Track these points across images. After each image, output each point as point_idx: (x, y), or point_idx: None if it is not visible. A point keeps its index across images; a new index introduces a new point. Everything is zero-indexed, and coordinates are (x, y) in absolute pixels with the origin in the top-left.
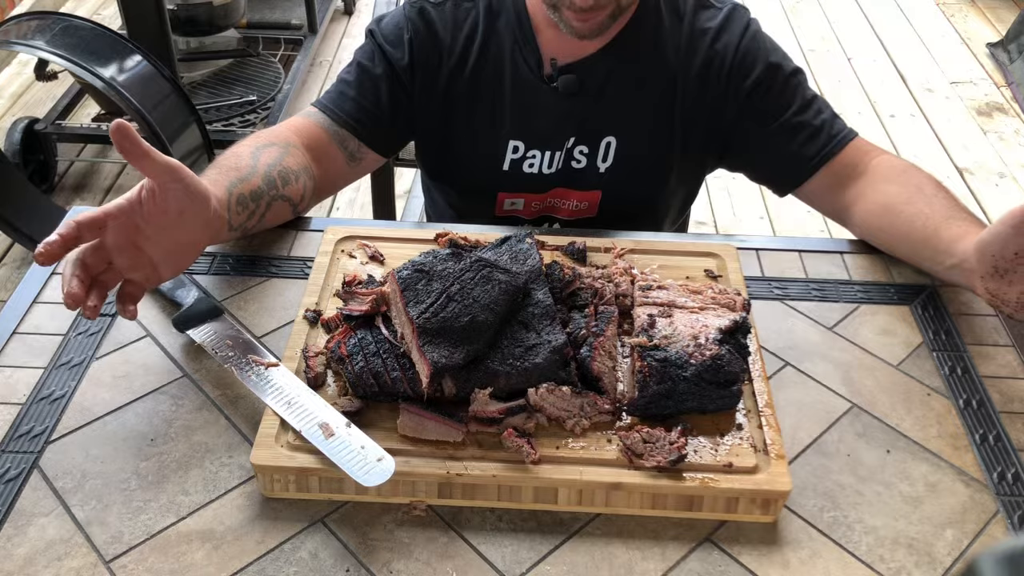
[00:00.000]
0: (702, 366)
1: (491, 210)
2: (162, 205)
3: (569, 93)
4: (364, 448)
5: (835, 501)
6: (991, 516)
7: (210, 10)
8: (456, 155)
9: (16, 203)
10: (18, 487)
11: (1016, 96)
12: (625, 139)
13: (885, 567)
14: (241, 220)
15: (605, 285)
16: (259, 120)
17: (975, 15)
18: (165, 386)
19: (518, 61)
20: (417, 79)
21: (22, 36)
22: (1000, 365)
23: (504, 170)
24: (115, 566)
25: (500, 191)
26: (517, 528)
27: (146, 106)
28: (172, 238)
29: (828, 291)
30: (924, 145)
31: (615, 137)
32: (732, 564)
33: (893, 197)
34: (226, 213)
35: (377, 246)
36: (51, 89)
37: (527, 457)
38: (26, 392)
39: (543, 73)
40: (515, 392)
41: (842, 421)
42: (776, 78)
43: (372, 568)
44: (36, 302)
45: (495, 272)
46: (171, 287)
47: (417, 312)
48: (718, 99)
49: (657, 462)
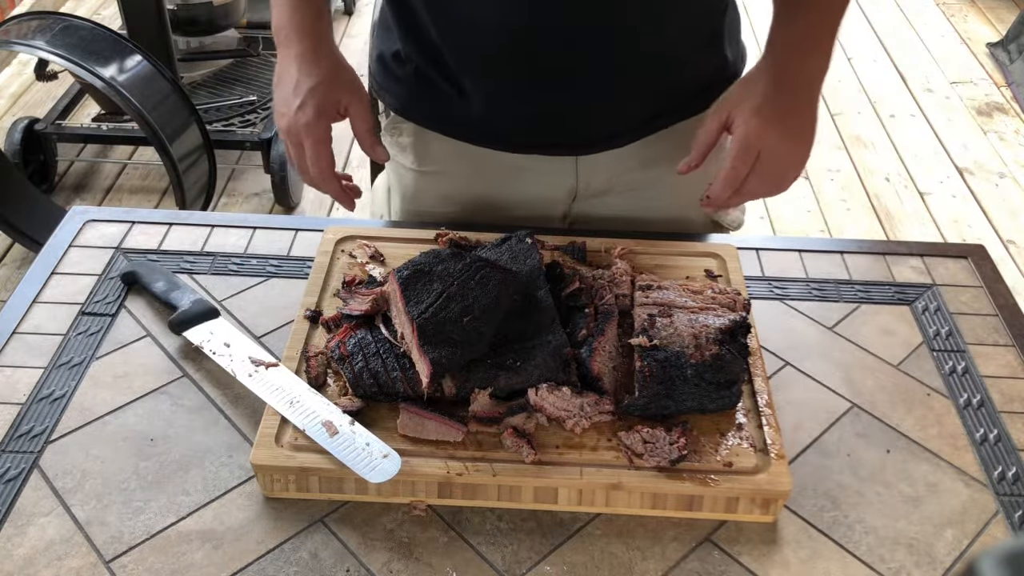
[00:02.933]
0: (702, 366)
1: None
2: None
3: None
4: (369, 445)
5: (835, 501)
6: (991, 516)
7: (210, 10)
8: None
9: (16, 203)
10: (18, 487)
11: (1016, 96)
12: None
13: (885, 567)
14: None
15: (605, 285)
16: (259, 120)
17: (975, 15)
18: (165, 386)
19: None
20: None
21: (22, 36)
22: (1000, 365)
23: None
24: (115, 566)
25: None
26: (517, 528)
27: (146, 106)
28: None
29: (828, 291)
30: (924, 145)
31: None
32: (732, 564)
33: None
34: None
35: (377, 246)
36: (51, 89)
37: (527, 457)
38: (26, 392)
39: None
40: (515, 392)
41: (842, 421)
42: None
43: (372, 568)
44: (36, 302)
45: (495, 272)
46: (167, 289)
47: (417, 312)
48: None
49: (657, 462)
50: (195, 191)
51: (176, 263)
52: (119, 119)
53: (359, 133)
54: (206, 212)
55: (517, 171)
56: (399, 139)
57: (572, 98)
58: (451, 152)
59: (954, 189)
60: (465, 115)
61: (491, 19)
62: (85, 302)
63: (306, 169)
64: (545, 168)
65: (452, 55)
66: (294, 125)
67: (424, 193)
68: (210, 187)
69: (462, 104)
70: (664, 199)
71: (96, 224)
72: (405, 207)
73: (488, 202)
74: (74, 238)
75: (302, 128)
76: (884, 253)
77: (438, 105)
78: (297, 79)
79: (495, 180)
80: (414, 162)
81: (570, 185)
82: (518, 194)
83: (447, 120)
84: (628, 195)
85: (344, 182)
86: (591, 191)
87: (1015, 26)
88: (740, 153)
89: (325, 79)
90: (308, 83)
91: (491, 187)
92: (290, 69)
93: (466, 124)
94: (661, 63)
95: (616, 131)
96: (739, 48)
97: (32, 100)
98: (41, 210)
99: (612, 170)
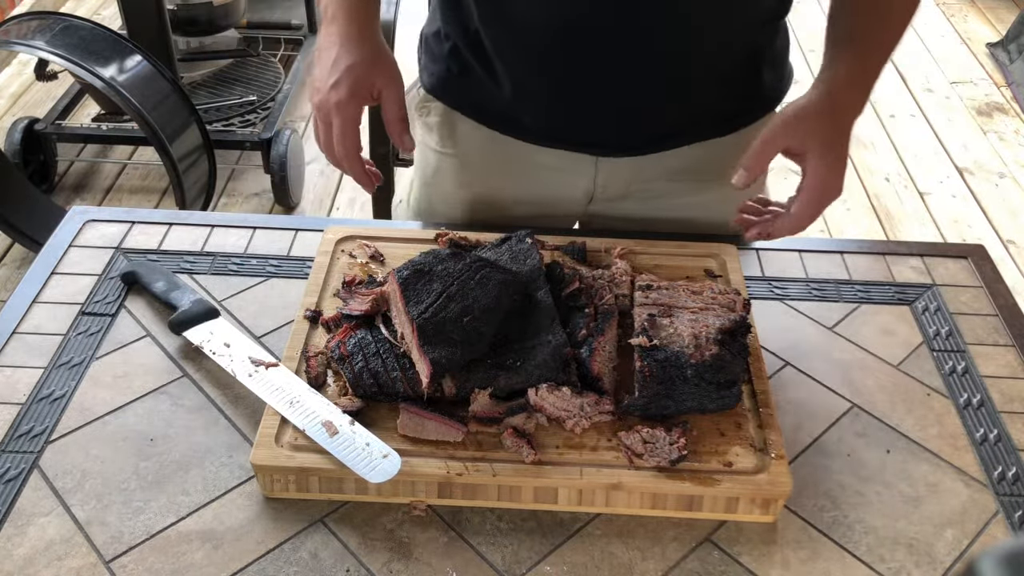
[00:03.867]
0: (702, 366)
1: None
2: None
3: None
4: (369, 445)
5: (835, 501)
6: (991, 516)
7: (210, 10)
8: None
9: (16, 203)
10: (18, 487)
11: (1016, 96)
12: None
13: (885, 567)
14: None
15: (605, 285)
16: (259, 120)
17: (975, 15)
18: (165, 386)
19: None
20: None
21: (22, 36)
22: (1000, 365)
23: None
24: (115, 566)
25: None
26: (517, 528)
27: (146, 106)
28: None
29: (828, 291)
30: (924, 145)
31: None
32: (732, 564)
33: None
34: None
35: (377, 246)
36: (51, 89)
37: (527, 457)
38: (26, 392)
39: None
40: (515, 392)
41: (842, 421)
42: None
43: (372, 568)
44: (36, 302)
45: (495, 272)
46: (166, 289)
47: (417, 312)
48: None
49: (657, 462)
50: (195, 191)
51: (176, 263)
52: (119, 119)
53: (389, 119)
54: (206, 212)
55: (536, 166)
56: (427, 119)
57: (600, 99)
58: (475, 137)
59: (954, 189)
60: (493, 100)
61: (537, 16)
62: (85, 302)
63: (331, 147)
64: (564, 166)
65: (490, 41)
66: (326, 102)
67: (443, 175)
68: (210, 187)
69: (492, 88)
70: (685, 212)
71: (96, 224)
72: (424, 189)
73: (503, 193)
74: (74, 238)
75: (333, 106)
76: (884, 253)
77: (469, 87)
78: (336, 55)
79: (514, 171)
80: (438, 143)
81: (587, 186)
82: (535, 188)
83: (475, 103)
84: (647, 203)
85: (367, 166)
86: (608, 195)
87: (1015, 26)
88: (814, 202)
89: (364, 60)
90: (346, 61)
91: (509, 178)
92: (331, 46)
93: (493, 109)
94: (694, 78)
95: (639, 139)
96: (783, 72)
97: (32, 100)
98: (41, 210)
99: (632, 176)
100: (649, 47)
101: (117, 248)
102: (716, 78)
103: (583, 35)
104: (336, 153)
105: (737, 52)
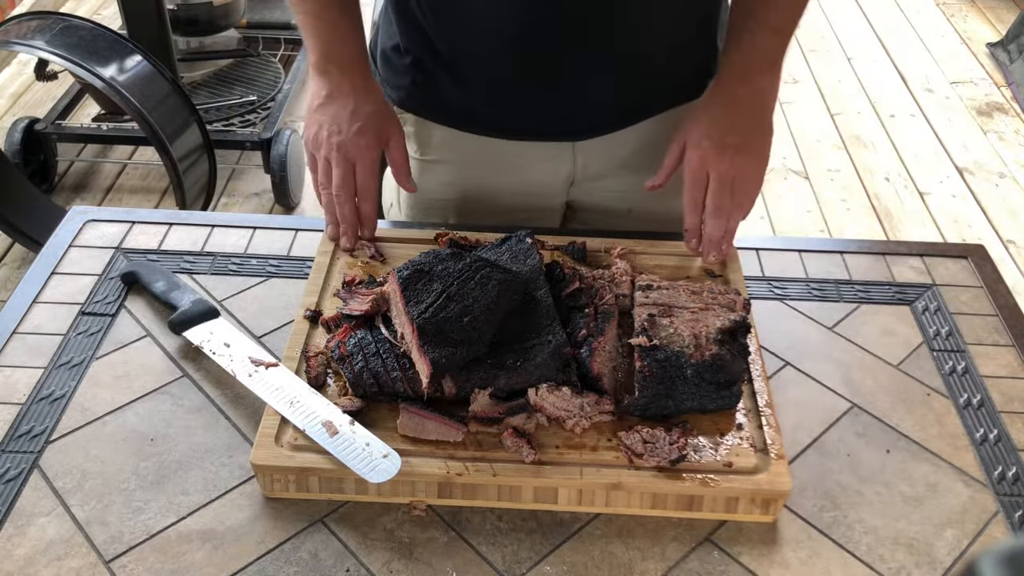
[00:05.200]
0: (702, 366)
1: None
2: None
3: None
4: (369, 445)
5: (835, 501)
6: (991, 516)
7: (210, 10)
8: None
9: (16, 203)
10: (18, 487)
11: (1016, 96)
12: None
13: (885, 567)
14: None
15: (605, 285)
16: (259, 120)
17: (975, 15)
18: (165, 386)
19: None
20: None
21: (22, 36)
22: (1000, 365)
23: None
24: (115, 566)
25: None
26: (517, 528)
27: (146, 106)
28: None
29: (828, 291)
30: (924, 145)
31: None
32: (732, 564)
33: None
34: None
35: (377, 246)
36: (51, 89)
37: (527, 457)
38: (26, 392)
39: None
40: (515, 392)
41: (842, 421)
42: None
43: (372, 568)
44: (36, 302)
45: (495, 272)
46: (166, 289)
47: (417, 312)
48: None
49: (657, 462)
50: (195, 191)
51: (176, 263)
52: (119, 119)
53: (397, 162)
54: (206, 212)
55: (515, 157)
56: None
57: (567, 87)
58: (451, 141)
59: (954, 189)
60: (462, 105)
61: (486, 18)
62: (85, 302)
63: (348, 186)
64: (543, 154)
65: (448, 49)
66: (351, 145)
67: (427, 181)
68: (210, 187)
69: (459, 94)
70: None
71: (96, 224)
72: (412, 195)
73: (488, 188)
74: (74, 238)
75: (360, 149)
76: (884, 253)
77: (436, 96)
78: (355, 105)
79: (495, 166)
80: (417, 151)
81: (568, 170)
82: (517, 180)
83: (445, 110)
84: (625, 178)
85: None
86: (588, 175)
87: (1015, 26)
88: (692, 181)
89: (381, 110)
90: (368, 109)
91: (491, 173)
92: (345, 95)
93: (464, 114)
94: (656, 50)
95: (612, 117)
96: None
97: (32, 100)
98: (41, 210)
99: (609, 153)
100: (605, 31)
101: (117, 248)
102: (671, 50)
103: (537, 30)
104: (345, 193)
105: (692, 22)
